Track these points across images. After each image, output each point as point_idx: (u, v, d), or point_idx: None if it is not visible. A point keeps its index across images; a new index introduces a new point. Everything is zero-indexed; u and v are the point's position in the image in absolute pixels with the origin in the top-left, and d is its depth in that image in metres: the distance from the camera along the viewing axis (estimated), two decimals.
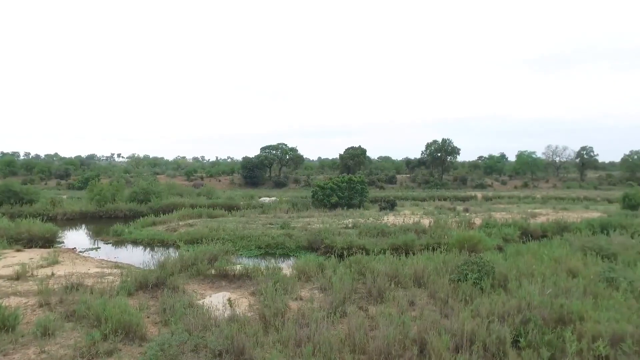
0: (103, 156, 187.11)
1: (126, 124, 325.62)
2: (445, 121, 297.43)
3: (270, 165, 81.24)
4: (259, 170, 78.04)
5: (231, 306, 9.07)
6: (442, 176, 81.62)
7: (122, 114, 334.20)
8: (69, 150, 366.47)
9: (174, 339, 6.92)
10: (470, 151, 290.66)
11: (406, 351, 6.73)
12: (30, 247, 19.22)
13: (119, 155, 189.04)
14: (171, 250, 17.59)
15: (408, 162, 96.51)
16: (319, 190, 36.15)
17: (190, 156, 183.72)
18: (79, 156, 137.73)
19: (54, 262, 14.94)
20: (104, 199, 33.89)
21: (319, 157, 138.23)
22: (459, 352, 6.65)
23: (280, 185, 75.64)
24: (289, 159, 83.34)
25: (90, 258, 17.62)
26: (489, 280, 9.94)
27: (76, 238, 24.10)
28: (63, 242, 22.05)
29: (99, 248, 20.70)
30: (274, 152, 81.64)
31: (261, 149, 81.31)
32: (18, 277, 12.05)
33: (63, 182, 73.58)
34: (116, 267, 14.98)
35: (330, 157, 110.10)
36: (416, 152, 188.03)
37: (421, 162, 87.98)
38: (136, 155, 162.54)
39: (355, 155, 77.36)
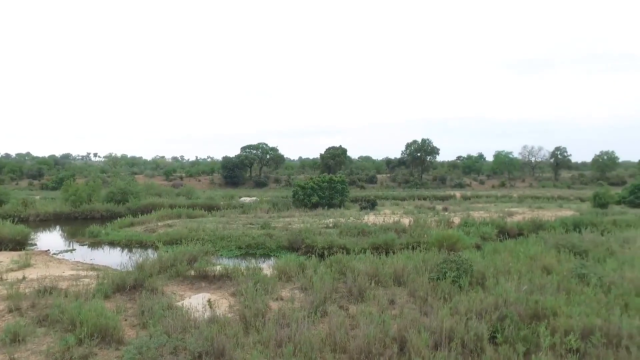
0: (79, 155, 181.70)
1: (103, 122, 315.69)
2: (425, 121, 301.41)
3: (250, 165, 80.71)
4: (240, 170, 77.39)
5: (211, 307, 8.99)
6: (421, 176, 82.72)
7: (98, 112, 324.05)
8: (42, 149, 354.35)
9: (152, 341, 6.81)
10: (449, 151, 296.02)
11: (386, 349, 6.81)
12: (0, 250, 18.55)
13: (95, 155, 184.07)
14: (150, 252, 17.20)
15: (388, 161, 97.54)
16: (299, 190, 36.10)
17: (169, 156, 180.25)
18: (52, 155, 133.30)
19: (25, 265, 14.47)
20: (79, 200, 32.98)
21: (300, 157, 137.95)
22: (438, 349, 6.78)
23: (260, 185, 75.23)
24: (269, 158, 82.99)
25: (64, 260, 17.14)
26: (467, 278, 10.16)
27: (50, 240, 23.38)
28: (36, 245, 21.38)
29: (74, 250, 20.15)
30: (254, 151, 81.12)
31: (241, 148, 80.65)
32: None
33: (36, 182, 71.13)
34: (92, 269, 14.62)
35: (311, 157, 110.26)
36: (396, 152, 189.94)
37: (401, 162, 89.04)
38: (113, 154, 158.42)
39: (336, 155, 77.58)
